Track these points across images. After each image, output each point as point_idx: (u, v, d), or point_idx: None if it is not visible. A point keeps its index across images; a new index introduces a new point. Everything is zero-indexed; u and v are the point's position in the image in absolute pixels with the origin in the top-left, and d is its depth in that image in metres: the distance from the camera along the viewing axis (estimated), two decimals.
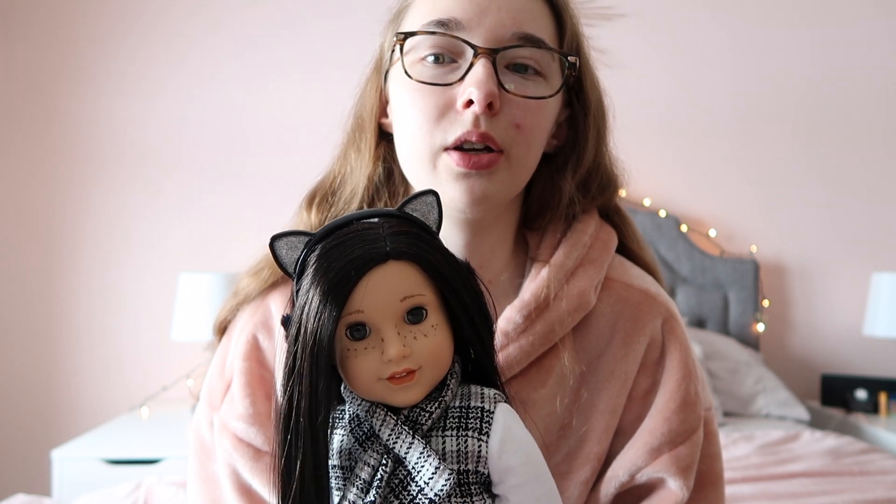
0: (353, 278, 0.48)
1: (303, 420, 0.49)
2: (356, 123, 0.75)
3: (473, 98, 0.61)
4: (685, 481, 0.64)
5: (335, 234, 0.51)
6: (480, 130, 0.62)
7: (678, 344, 0.70)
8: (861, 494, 1.55)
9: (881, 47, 2.79)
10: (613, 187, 0.77)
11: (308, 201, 0.77)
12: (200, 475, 0.74)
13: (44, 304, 2.63)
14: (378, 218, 0.52)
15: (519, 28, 0.63)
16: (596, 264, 0.71)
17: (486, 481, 0.51)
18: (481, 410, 0.51)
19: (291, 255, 0.53)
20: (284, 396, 0.50)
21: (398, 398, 0.51)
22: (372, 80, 0.74)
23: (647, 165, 2.70)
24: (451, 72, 0.64)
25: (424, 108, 0.64)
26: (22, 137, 2.64)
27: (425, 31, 0.64)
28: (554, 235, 0.73)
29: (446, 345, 0.52)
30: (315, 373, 0.49)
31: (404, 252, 0.50)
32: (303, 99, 2.65)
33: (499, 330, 0.67)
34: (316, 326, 0.48)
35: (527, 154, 0.66)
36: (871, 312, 2.54)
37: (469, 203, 0.64)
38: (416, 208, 0.54)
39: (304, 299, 0.50)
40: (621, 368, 0.68)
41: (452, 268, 0.52)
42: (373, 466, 0.51)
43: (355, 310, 0.49)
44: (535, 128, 0.66)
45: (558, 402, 0.67)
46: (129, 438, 2.13)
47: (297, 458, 0.50)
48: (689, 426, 0.66)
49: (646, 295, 0.71)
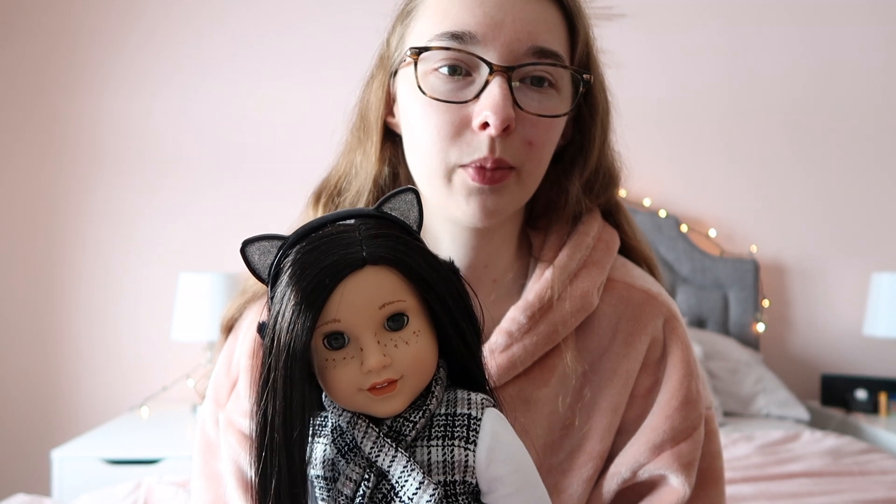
0: (328, 286, 0.46)
1: (277, 436, 0.47)
2: (361, 123, 0.74)
3: (490, 122, 0.60)
4: (687, 478, 0.65)
5: (309, 238, 0.49)
6: (496, 157, 0.62)
7: (679, 343, 0.70)
8: (861, 494, 1.55)
9: (880, 47, 2.79)
10: (615, 184, 0.77)
11: (315, 199, 0.76)
12: (205, 472, 0.74)
13: (44, 303, 2.63)
14: (355, 219, 0.50)
15: (534, 42, 0.63)
16: (599, 266, 0.71)
17: (474, 491, 0.49)
18: (468, 417, 0.49)
19: (265, 260, 0.50)
20: (259, 411, 0.48)
21: (380, 409, 0.48)
22: (378, 78, 0.72)
23: (647, 165, 2.70)
24: (466, 86, 0.63)
25: (439, 125, 0.63)
26: (22, 138, 2.64)
27: (440, 47, 0.63)
28: (558, 236, 0.73)
29: (429, 351, 0.50)
30: (289, 386, 0.47)
31: (382, 257, 0.47)
32: (303, 99, 2.66)
33: (503, 330, 0.67)
34: (289, 338, 0.46)
35: (538, 169, 0.67)
36: (871, 312, 2.54)
37: (481, 218, 0.65)
38: (395, 207, 0.51)
39: (278, 308, 0.47)
40: (623, 367, 0.69)
41: (434, 270, 0.49)
42: (355, 482, 0.49)
43: (331, 319, 0.47)
44: (547, 143, 0.66)
45: (560, 401, 0.67)
46: (129, 438, 2.14)
47: (273, 475, 0.47)
48: (691, 423, 0.67)
49: (647, 295, 0.72)
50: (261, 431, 0.48)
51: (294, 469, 0.48)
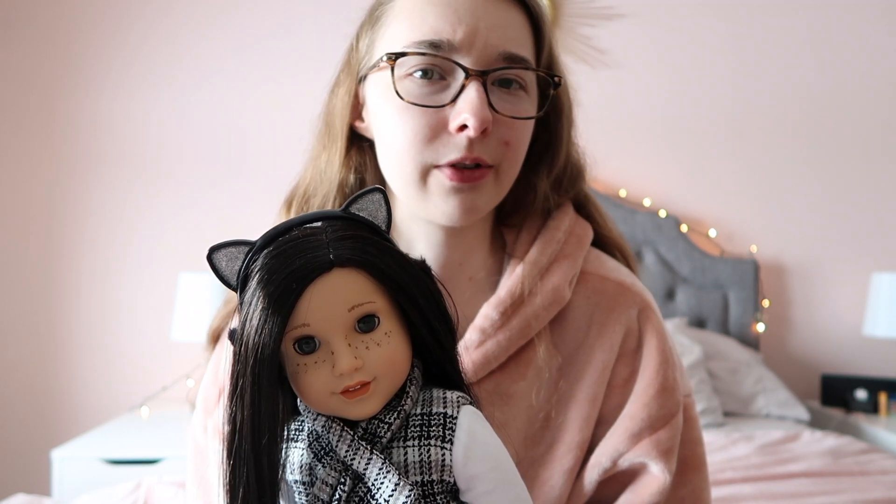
0: (296, 291, 0.46)
1: (245, 443, 0.46)
2: (326, 129, 0.76)
3: (469, 124, 0.62)
4: (667, 465, 0.66)
5: (276, 243, 0.48)
6: (473, 155, 0.64)
7: (655, 332, 0.72)
8: (861, 494, 1.55)
9: (881, 47, 2.79)
10: (582, 178, 0.79)
11: (286, 206, 0.78)
12: (196, 479, 0.76)
13: (44, 304, 2.63)
14: (322, 221, 0.49)
15: (505, 48, 0.65)
16: (570, 259, 0.73)
17: (452, 489, 0.49)
18: (444, 416, 0.49)
19: (232, 266, 0.49)
20: (228, 418, 0.48)
21: (354, 412, 0.48)
22: (344, 84, 0.74)
23: (647, 165, 2.70)
24: (442, 90, 0.65)
25: (415, 128, 0.65)
26: (22, 138, 2.64)
27: (418, 53, 0.64)
28: (530, 232, 0.75)
29: (402, 351, 0.49)
30: (257, 392, 0.46)
31: (350, 258, 0.46)
32: (303, 99, 2.64)
33: (476, 327, 0.69)
34: (257, 343, 0.45)
35: (513, 167, 0.69)
36: (871, 312, 2.55)
37: (460, 216, 0.66)
38: (362, 208, 0.51)
39: (246, 314, 0.47)
40: (598, 358, 0.70)
41: (403, 270, 0.49)
42: (331, 486, 0.48)
43: (300, 323, 0.46)
44: (522, 142, 0.68)
45: (534, 394, 0.69)
46: (129, 438, 2.14)
47: (240, 483, 0.46)
48: (668, 411, 0.68)
49: (621, 286, 0.73)
50: (230, 439, 0.47)
51: (262, 477, 0.47)
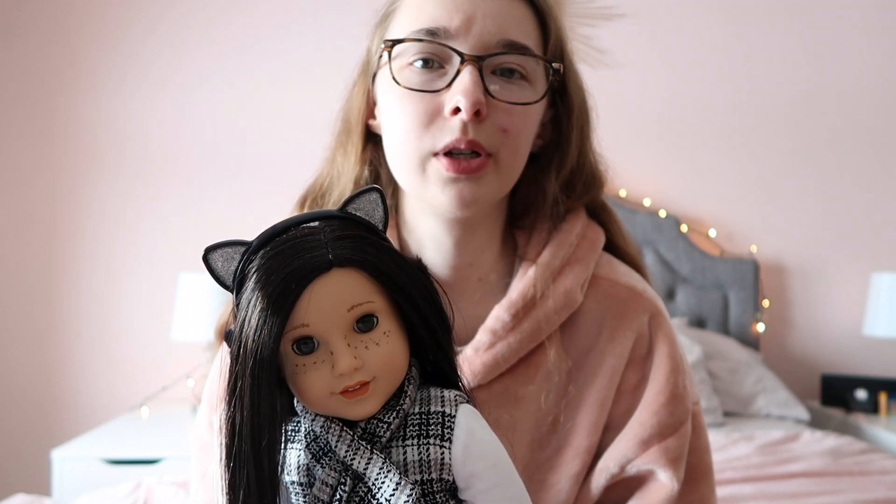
0: (294, 291, 0.45)
1: (245, 445, 0.46)
2: (343, 126, 0.77)
3: (461, 106, 0.62)
4: (675, 473, 0.66)
5: (273, 243, 0.48)
6: (468, 138, 0.63)
7: (666, 339, 0.71)
8: (861, 494, 1.55)
9: (880, 47, 2.79)
10: (598, 185, 0.78)
11: (300, 204, 0.78)
12: (200, 474, 0.75)
13: (44, 303, 2.63)
14: (319, 221, 0.49)
15: (504, 35, 0.65)
16: (582, 263, 0.72)
17: (452, 488, 0.49)
18: (442, 415, 0.49)
19: (228, 267, 0.49)
20: (226, 420, 0.47)
21: (353, 412, 0.48)
22: (359, 83, 0.75)
23: (647, 165, 2.70)
24: (439, 77, 0.65)
25: (413, 114, 0.65)
26: (22, 137, 2.64)
27: (414, 39, 0.65)
28: (541, 234, 0.74)
29: (401, 351, 0.49)
30: (256, 394, 0.46)
31: (348, 258, 0.46)
32: (303, 100, 2.65)
33: (487, 328, 0.69)
34: (256, 345, 0.45)
35: (514, 157, 0.68)
36: (871, 312, 2.54)
37: (459, 207, 0.66)
38: (359, 207, 0.51)
39: (244, 315, 0.46)
40: (608, 363, 0.70)
41: (401, 269, 0.49)
42: (332, 486, 0.48)
43: (300, 324, 0.46)
44: (522, 131, 0.67)
45: (542, 397, 0.68)
46: (129, 438, 2.14)
47: (241, 485, 0.46)
48: (678, 419, 0.68)
49: (632, 292, 0.73)
50: (229, 440, 0.47)
51: (263, 478, 0.47)
